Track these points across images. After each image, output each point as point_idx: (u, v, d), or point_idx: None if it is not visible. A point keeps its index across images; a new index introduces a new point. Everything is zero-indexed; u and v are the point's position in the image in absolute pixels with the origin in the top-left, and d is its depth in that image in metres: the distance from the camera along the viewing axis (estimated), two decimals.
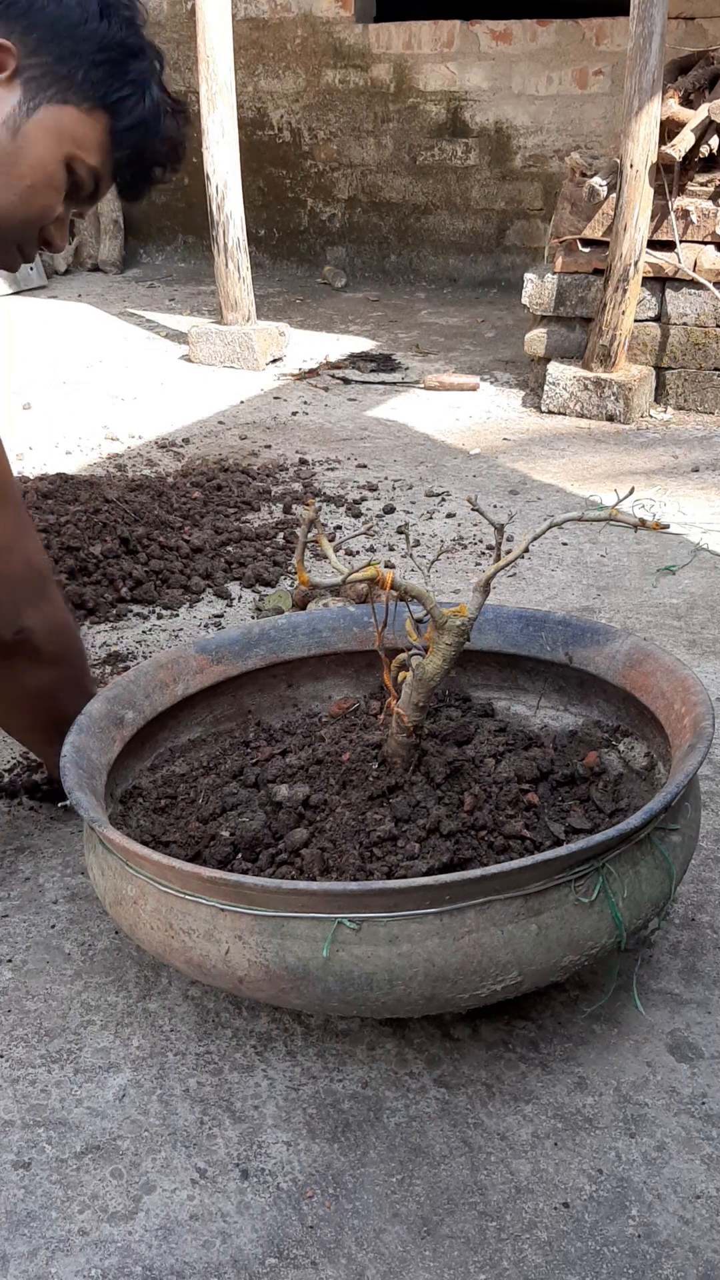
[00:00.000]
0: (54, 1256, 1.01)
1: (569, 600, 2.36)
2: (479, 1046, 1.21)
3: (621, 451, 3.38)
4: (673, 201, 3.56)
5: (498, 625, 1.56)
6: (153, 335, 5.02)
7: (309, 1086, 1.17)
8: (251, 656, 1.56)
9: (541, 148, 5.73)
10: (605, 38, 5.37)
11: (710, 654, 2.10)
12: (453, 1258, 1.00)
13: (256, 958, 1.06)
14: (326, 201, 6.41)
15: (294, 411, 3.86)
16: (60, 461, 3.29)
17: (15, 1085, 1.18)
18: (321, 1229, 1.03)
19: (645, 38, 3.39)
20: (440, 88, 5.85)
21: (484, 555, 2.59)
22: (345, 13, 5.96)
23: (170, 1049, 1.22)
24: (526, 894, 1.05)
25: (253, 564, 2.49)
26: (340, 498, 2.95)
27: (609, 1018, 1.25)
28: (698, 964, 1.32)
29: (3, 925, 1.41)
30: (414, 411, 3.82)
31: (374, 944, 1.03)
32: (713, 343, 3.65)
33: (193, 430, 3.64)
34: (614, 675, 1.45)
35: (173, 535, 2.57)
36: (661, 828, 1.15)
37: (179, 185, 6.73)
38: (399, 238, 6.25)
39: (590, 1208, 1.04)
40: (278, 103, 6.35)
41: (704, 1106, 1.14)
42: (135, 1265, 1.00)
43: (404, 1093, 1.16)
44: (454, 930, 1.04)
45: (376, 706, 1.53)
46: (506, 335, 4.89)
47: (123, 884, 1.16)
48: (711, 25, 5.08)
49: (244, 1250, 1.01)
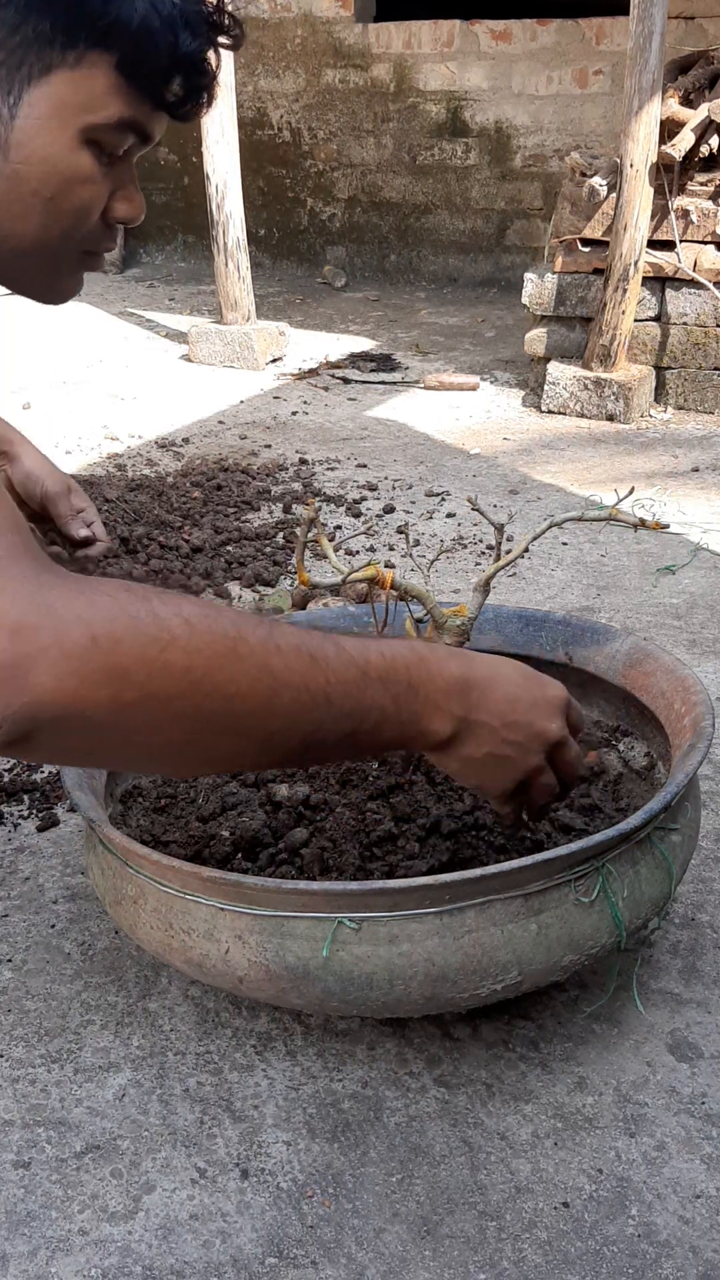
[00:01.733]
0: (54, 1256, 1.01)
1: (569, 600, 2.36)
2: (479, 1046, 1.21)
3: (621, 451, 3.38)
4: (673, 201, 3.56)
5: (497, 625, 1.56)
6: (152, 335, 5.02)
7: (309, 1086, 1.17)
8: None
9: (541, 147, 5.73)
10: (605, 37, 5.37)
11: (710, 654, 2.10)
12: (453, 1257, 1.00)
13: (256, 957, 1.06)
14: (326, 201, 6.41)
15: (294, 411, 3.86)
16: (60, 461, 3.29)
17: (15, 1085, 1.18)
18: (321, 1229, 1.03)
19: (645, 37, 3.39)
20: (440, 87, 5.85)
21: (484, 555, 2.59)
22: (345, 12, 5.97)
23: (170, 1049, 1.22)
24: (526, 894, 1.05)
25: (252, 564, 2.49)
26: (340, 497, 2.95)
27: (609, 1017, 1.25)
28: (698, 964, 1.32)
29: (3, 925, 1.41)
30: (414, 411, 3.82)
31: (374, 944, 1.03)
32: (713, 342, 3.65)
33: (192, 430, 3.64)
34: (614, 675, 1.45)
35: (172, 535, 2.57)
36: (661, 827, 1.15)
37: (179, 185, 6.74)
38: (399, 237, 6.25)
39: (590, 1207, 1.04)
40: (277, 102, 6.35)
41: (704, 1106, 1.14)
42: (135, 1265, 1.00)
43: (404, 1092, 1.16)
44: (454, 930, 1.03)
45: None
46: (506, 335, 4.89)
47: (122, 884, 1.16)
48: (711, 25, 5.09)
49: (244, 1250, 1.01)
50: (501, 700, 1.03)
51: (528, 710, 1.05)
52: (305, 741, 0.91)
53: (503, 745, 1.04)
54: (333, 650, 0.91)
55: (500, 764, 1.05)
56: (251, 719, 0.86)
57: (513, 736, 1.04)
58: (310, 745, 0.92)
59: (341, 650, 0.92)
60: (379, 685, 0.93)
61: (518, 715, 1.04)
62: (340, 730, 0.92)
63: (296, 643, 0.89)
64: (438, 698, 0.99)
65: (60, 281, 1.03)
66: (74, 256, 0.99)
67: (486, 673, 1.03)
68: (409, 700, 0.96)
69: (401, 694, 0.95)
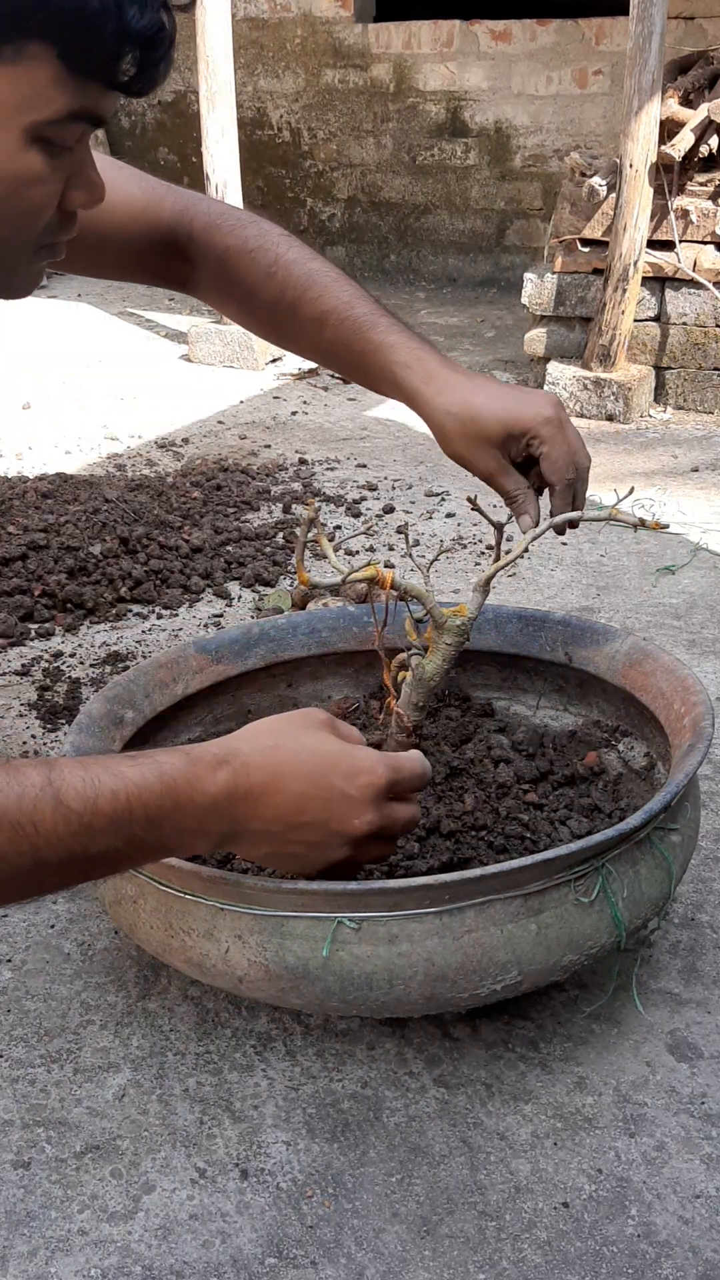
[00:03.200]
0: (53, 1256, 1.01)
1: (569, 600, 2.36)
2: (479, 1046, 1.21)
3: (621, 451, 3.38)
4: (672, 201, 3.56)
5: (497, 625, 1.56)
6: (152, 335, 5.02)
7: (309, 1086, 1.17)
8: (251, 656, 1.56)
9: (541, 147, 5.73)
10: (605, 38, 5.37)
11: (710, 654, 2.10)
12: (452, 1257, 1.00)
13: (256, 957, 1.06)
14: (326, 201, 6.41)
15: (293, 411, 3.86)
16: (60, 461, 3.29)
17: (15, 1085, 1.18)
18: (321, 1229, 1.03)
19: (645, 37, 3.39)
20: (440, 87, 5.85)
21: (484, 555, 2.59)
22: (345, 12, 5.97)
23: (170, 1049, 1.22)
24: (526, 894, 1.05)
25: (252, 564, 2.49)
26: (340, 497, 2.95)
27: (609, 1017, 1.25)
28: (698, 964, 1.32)
29: (2, 925, 1.41)
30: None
31: (374, 944, 1.03)
32: (712, 342, 3.65)
33: (192, 430, 3.64)
34: (614, 675, 1.45)
35: (172, 535, 2.57)
36: (661, 827, 1.15)
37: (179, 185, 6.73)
38: (399, 237, 6.25)
39: (590, 1207, 1.04)
40: (277, 102, 6.35)
41: (704, 1106, 1.14)
42: (135, 1265, 1.00)
43: (404, 1092, 1.16)
44: (454, 930, 1.04)
45: (376, 706, 1.53)
46: (506, 335, 4.89)
47: (122, 883, 1.17)
48: (711, 25, 5.09)
49: (244, 1250, 1.01)
50: (282, 806, 0.96)
51: (321, 810, 0.97)
52: (29, 894, 0.90)
53: (289, 845, 0.99)
54: (49, 808, 0.85)
55: (293, 859, 1.01)
56: None
57: (302, 838, 0.98)
58: (40, 892, 0.91)
59: (60, 805, 0.85)
60: (109, 832, 0.88)
61: (307, 817, 0.97)
62: (66, 879, 0.90)
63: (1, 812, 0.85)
64: (188, 824, 0.93)
65: (17, 278, 0.99)
66: (29, 252, 0.96)
67: (265, 777, 0.95)
68: (151, 836, 0.91)
69: (140, 833, 0.90)
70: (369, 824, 1.00)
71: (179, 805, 0.91)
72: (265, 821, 0.96)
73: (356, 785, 0.99)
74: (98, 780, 0.88)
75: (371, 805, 0.99)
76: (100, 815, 0.87)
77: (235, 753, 0.96)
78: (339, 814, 0.98)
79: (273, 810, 0.96)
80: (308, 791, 0.97)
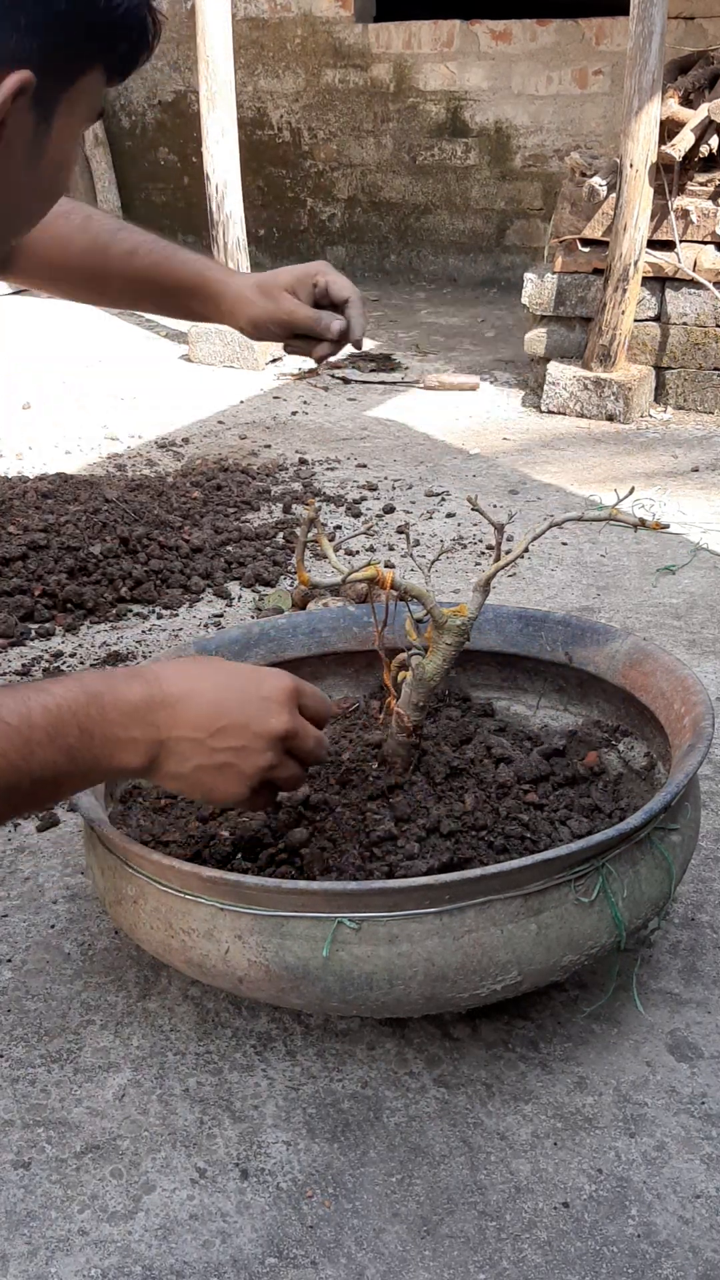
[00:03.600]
0: (54, 1256, 1.01)
1: (569, 600, 2.36)
2: (479, 1046, 1.21)
3: (621, 451, 3.38)
4: (673, 201, 3.56)
5: (497, 625, 1.56)
6: (152, 335, 5.02)
7: (309, 1086, 1.17)
8: (251, 656, 1.56)
9: (541, 147, 5.73)
10: (605, 37, 5.37)
11: (710, 654, 2.10)
12: (452, 1257, 1.00)
13: (256, 957, 1.06)
14: (326, 201, 6.41)
15: (294, 411, 3.86)
16: (60, 461, 3.29)
17: (15, 1085, 1.18)
18: (321, 1229, 1.03)
19: (645, 37, 3.39)
20: (440, 87, 5.85)
21: (484, 555, 2.59)
22: (345, 12, 5.97)
23: (170, 1049, 1.22)
24: (526, 894, 1.05)
25: (252, 564, 2.49)
26: (340, 497, 2.95)
27: (609, 1017, 1.25)
28: (698, 964, 1.32)
29: (3, 925, 1.41)
30: (414, 411, 3.82)
31: (374, 944, 1.03)
32: (712, 342, 3.65)
33: (192, 430, 3.64)
34: (614, 675, 1.45)
35: (172, 535, 2.57)
36: (661, 827, 1.15)
37: (179, 185, 6.74)
38: (399, 237, 6.25)
39: (590, 1207, 1.04)
40: (277, 102, 6.35)
41: (704, 1106, 1.14)
42: (135, 1265, 1.00)
43: (404, 1092, 1.16)
44: (454, 930, 1.04)
45: (376, 706, 1.53)
46: (506, 335, 4.89)
47: (122, 883, 1.16)
48: (711, 25, 5.09)
49: (244, 1250, 1.01)
50: (202, 711, 1.01)
51: (238, 713, 1.02)
52: None
53: (214, 754, 1.02)
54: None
55: (221, 772, 1.03)
56: None
57: (226, 743, 1.01)
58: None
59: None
60: (46, 744, 0.92)
61: (226, 720, 1.01)
62: (12, 801, 0.93)
63: None
64: (116, 731, 0.96)
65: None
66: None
67: (180, 687, 1.01)
68: (85, 747, 0.95)
69: (74, 744, 0.94)
70: (285, 725, 1.05)
71: (104, 712, 0.96)
72: (187, 727, 1.00)
73: (267, 687, 1.05)
74: (29, 698, 0.93)
75: (285, 707, 1.05)
76: (36, 728, 0.92)
77: (149, 669, 1.04)
78: (255, 715, 1.03)
79: (193, 715, 1.00)
80: (223, 697, 1.02)
